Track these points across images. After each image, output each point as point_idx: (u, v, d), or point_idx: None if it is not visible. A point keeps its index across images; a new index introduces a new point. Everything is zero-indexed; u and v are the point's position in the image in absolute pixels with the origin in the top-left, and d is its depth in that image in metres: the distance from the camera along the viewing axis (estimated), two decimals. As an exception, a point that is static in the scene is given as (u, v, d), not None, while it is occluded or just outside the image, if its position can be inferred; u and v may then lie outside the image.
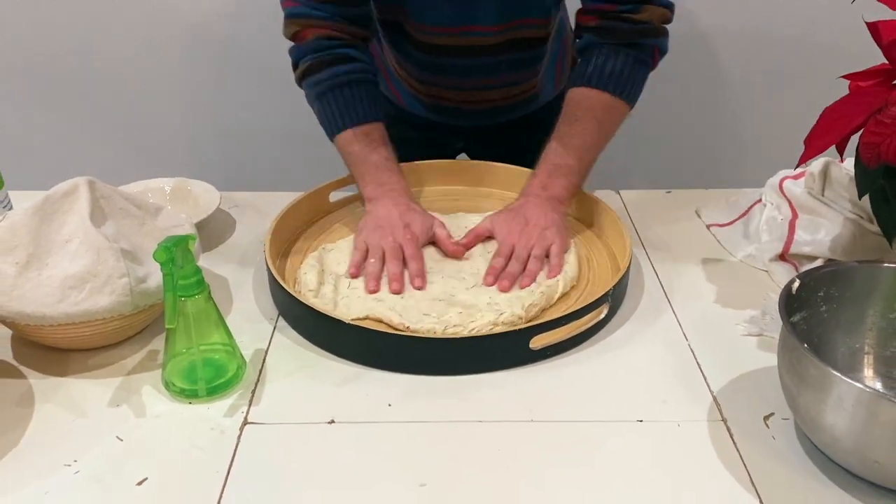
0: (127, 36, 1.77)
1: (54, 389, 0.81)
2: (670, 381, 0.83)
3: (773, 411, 0.78)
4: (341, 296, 0.93)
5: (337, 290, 0.94)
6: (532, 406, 0.79)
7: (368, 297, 0.93)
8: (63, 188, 0.85)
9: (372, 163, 1.05)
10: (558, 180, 1.03)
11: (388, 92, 1.28)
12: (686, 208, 1.18)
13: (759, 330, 0.90)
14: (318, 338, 0.88)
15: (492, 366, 0.84)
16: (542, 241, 0.98)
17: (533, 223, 1.00)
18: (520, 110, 1.27)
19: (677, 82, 1.77)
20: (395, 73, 1.25)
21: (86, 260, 0.80)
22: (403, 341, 0.84)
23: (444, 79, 1.19)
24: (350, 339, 0.85)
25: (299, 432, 0.76)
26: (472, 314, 0.88)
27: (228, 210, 1.17)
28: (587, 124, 1.02)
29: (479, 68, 1.16)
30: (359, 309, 0.90)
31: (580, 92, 1.03)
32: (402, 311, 0.89)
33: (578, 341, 0.88)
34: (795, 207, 1.04)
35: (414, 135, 1.27)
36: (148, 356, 0.86)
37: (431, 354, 0.84)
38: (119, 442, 0.75)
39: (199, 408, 0.79)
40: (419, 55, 1.15)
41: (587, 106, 1.03)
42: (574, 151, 1.03)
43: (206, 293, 0.78)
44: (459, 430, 0.76)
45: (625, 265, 0.94)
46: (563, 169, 1.03)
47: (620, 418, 0.78)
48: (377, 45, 1.23)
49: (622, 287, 0.95)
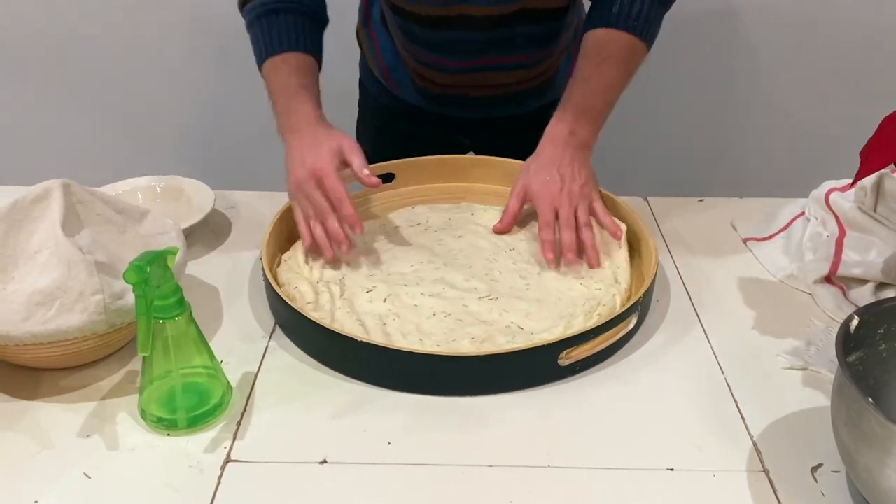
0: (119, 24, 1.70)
1: (20, 414, 0.74)
2: (704, 423, 0.74)
3: (821, 462, 0.69)
4: (337, 307, 0.85)
5: (333, 300, 0.86)
6: (550, 447, 0.71)
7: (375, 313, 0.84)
8: (34, 192, 0.77)
9: (281, 90, 0.98)
10: (586, 125, 0.98)
11: (393, 88, 1.22)
12: (720, 219, 1.09)
13: (802, 363, 0.81)
14: (320, 354, 0.81)
15: (515, 385, 0.78)
16: (584, 202, 0.94)
17: (569, 181, 0.95)
18: (532, 100, 1.20)
19: (712, 80, 1.66)
20: (401, 64, 1.18)
21: (56, 274, 0.72)
22: (421, 360, 0.76)
23: (451, 59, 1.12)
24: (361, 358, 0.78)
25: (287, 473, 0.68)
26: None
27: (224, 211, 1.09)
28: (613, 66, 0.98)
29: (489, 43, 1.08)
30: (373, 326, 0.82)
31: (604, 33, 0.99)
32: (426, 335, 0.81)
33: (605, 356, 0.81)
34: (843, 223, 0.94)
35: (420, 131, 1.20)
36: (126, 378, 0.79)
37: (454, 373, 0.76)
38: (86, 480, 0.67)
39: (177, 441, 0.71)
40: (425, 32, 1.08)
41: (613, 48, 0.99)
42: (601, 94, 0.98)
43: (187, 314, 0.70)
44: (468, 476, 0.68)
45: (651, 272, 0.86)
46: (591, 112, 0.98)
47: (649, 466, 0.69)
48: (388, 35, 1.15)
49: (649, 297, 0.88)
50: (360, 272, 0.90)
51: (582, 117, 0.97)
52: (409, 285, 0.88)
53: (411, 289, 0.87)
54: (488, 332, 0.81)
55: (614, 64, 0.98)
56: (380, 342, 0.77)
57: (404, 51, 1.15)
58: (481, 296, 0.86)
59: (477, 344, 0.79)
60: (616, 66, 0.98)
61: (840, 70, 1.68)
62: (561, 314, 0.84)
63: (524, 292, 0.88)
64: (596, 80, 0.98)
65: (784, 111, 1.75)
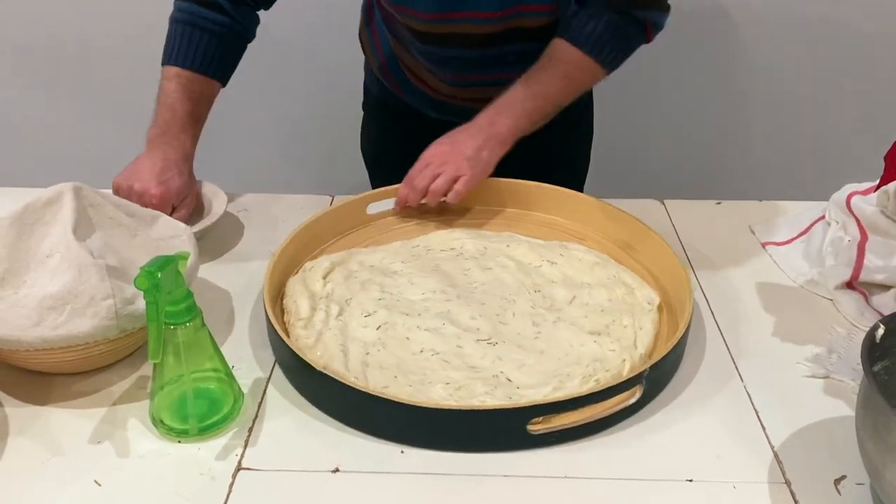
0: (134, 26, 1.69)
1: (32, 420, 0.73)
2: (724, 432, 0.72)
3: (844, 473, 0.68)
4: (329, 327, 0.81)
5: (327, 319, 0.82)
6: (568, 458, 0.69)
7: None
8: (46, 196, 0.76)
9: (168, 106, 1.01)
10: (506, 119, 1.00)
11: (395, 90, 1.22)
12: (738, 222, 1.07)
13: (824, 371, 0.79)
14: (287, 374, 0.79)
15: (481, 445, 0.70)
16: (451, 171, 0.97)
17: (458, 150, 0.99)
18: None
19: (730, 80, 1.64)
20: (405, 71, 1.18)
21: (67, 278, 0.71)
22: (384, 405, 0.70)
23: (444, 73, 1.12)
24: (330, 390, 0.73)
25: (299, 481, 0.67)
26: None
27: (237, 214, 1.08)
28: (555, 75, 1.01)
29: (481, 60, 1.09)
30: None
31: (558, 43, 1.02)
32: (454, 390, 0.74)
33: (596, 429, 0.72)
34: (865, 228, 0.92)
35: (422, 133, 1.20)
36: (137, 383, 0.78)
37: (419, 422, 0.70)
38: (96, 487, 0.66)
39: (188, 448, 0.70)
40: (418, 46, 1.09)
41: (560, 58, 1.02)
42: (533, 96, 1.01)
43: (199, 320, 0.69)
44: (483, 486, 0.67)
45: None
46: (515, 109, 1.00)
47: (667, 476, 0.68)
48: (392, 44, 1.16)
49: (662, 371, 0.76)
50: (370, 294, 0.86)
51: (503, 112, 1.00)
52: (410, 315, 0.83)
53: (411, 319, 0.82)
54: (468, 380, 0.74)
55: (557, 74, 1.01)
56: (339, 378, 0.71)
57: (404, 60, 1.16)
58: (480, 338, 0.80)
59: (451, 390, 0.73)
60: (558, 77, 1.01)
61: (862, 71, 1.65)
62: (556, 372, 0.75)
63: (529, 341, 0.80)
64: (533, 82, 1.01)
65: (803, 112, 1.72)
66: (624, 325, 0.82)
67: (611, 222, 0.99)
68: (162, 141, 0.99)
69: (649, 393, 0.74)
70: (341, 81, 1.30)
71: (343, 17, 1.07)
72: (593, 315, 0.84)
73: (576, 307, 0.85)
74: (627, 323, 0.82)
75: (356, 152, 1.35)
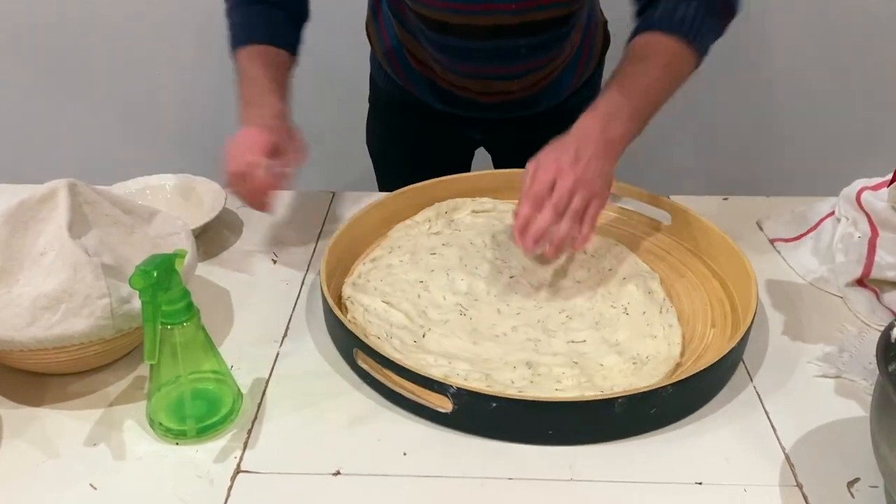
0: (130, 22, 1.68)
1: (27, 422, 0.72)
2: (734, 434, 0.71)
3: (858, 476, 0.66)
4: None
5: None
6: (573, 460, 0.68)
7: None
8: (40, 192, 0.74)
9: (244, 81, 0.97)
10: (619, 123, 0.86)
11: (403, 83, 1.19)
12: (746, 218, 1.05)
13: (835, 371, 0.78)
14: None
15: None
16: (587, 188, 0.81)
17: (585, 161, 0.82)
18: (541, 102, 1.18)
19: (736, 75, 1.62)
20: (410, 60, 1.16)
21: (61, 276, 0.70)
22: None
23: (459, 64, 1.09)
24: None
25: (299, 485, 0.66)
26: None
27: (236, 210, 1.06)
28: (654, 67, 0.90)
29: (491, 52, 1.05)
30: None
31: (646, 37, 0.92)
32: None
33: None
34: (876, 224, 0.90)
35: (430, 126, 1.18)
36: (134, 383, 0.76)
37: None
38: (92, 491, 0.65)
39: (186, 450, 0.69)
40: (429, 34, 1.06)
41: (654, 50, 0.92)
42: (638, 94, 0.89)
43: (196, 320, 0.67)
44: (486, 489, 0.65)
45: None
46: (625, 110, 0.87)
47: (676, 479, 0.66)
48: (399, 33, 1.13)
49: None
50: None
51: (615, 115, 0.87)
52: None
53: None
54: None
55: (656, 65, 0.91)
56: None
57: (414, 50, 1.13)
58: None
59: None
60: (657, 68, 0.90)
61: (872, 66, 1.63)
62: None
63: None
64: (634, 79, 0.90)
65: (813, 106, 1.70)
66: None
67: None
68: (250, 112, 0.94)
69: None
70: (343, 77, 1.28)
71: (348, 9, 1.05)
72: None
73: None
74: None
75: (357, 148, 1.33)
